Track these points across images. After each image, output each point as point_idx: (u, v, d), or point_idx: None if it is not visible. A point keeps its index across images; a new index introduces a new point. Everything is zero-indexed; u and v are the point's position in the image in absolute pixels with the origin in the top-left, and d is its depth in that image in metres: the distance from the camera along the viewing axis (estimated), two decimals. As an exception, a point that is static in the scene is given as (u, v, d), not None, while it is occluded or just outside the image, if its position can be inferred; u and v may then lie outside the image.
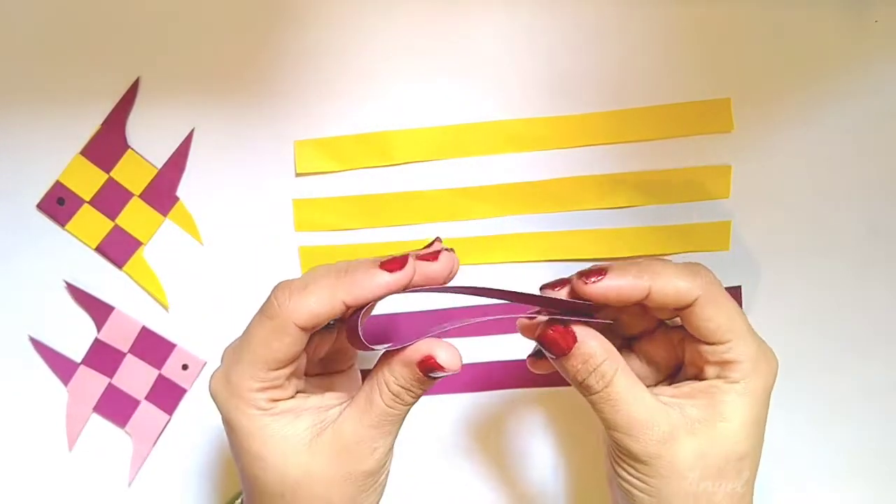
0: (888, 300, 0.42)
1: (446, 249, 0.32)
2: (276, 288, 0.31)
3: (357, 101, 0.43)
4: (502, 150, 0.43)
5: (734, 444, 0.32)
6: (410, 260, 0.31)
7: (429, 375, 0.31)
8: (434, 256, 0.32)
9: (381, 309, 0.43)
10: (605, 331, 0.33)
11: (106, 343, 0.44)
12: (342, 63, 0.43)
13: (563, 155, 0.43)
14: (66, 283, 0.44)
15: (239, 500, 0.43)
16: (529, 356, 0.36)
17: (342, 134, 0.43)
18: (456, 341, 0.32)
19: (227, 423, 0.32)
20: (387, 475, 0.34)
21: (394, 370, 0.31)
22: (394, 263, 0.31)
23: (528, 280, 0.43)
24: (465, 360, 0.43)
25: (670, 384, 0.35)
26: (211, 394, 0.32)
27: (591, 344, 0.32)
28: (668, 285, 0.32)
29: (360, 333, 0.30)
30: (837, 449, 0.43)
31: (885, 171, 0.42)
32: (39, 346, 0.44)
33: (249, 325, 0.32)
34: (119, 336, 0.44)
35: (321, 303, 0.30)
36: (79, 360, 0.44)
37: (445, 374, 0.31)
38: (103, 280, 0.44)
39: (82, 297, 0.44)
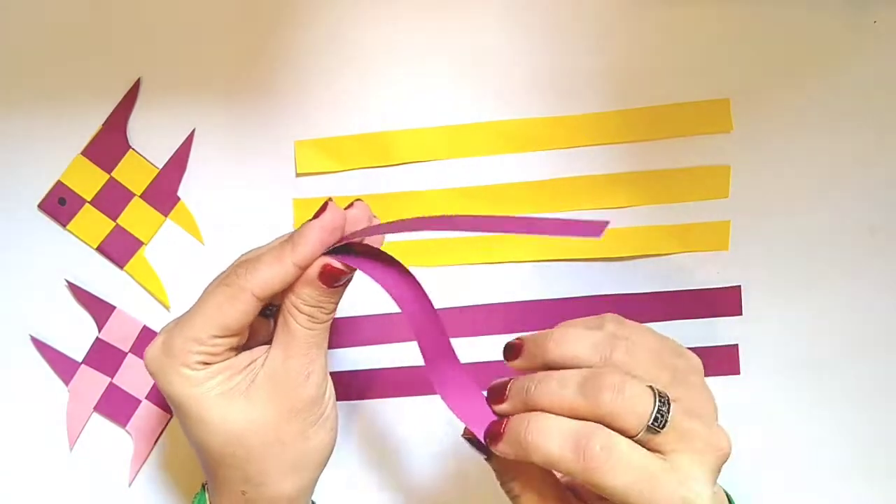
0: (888, 300, 0.42)
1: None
2: (236, 261, 0.34)
3: (357, 101, 0.43)
4: (502, 150, 0.43)
5: None
6: (330, 203, 0.32)
7: (333, 286, 0.32)
8: (350, 205, 0.34)
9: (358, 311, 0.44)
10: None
11: (107, 342, 0.44)
12: (342, 64, 0.43)
13: (563, 155, 0.43)
14: (68, 282, 0.44)
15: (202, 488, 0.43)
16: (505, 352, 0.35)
17: (342, 134, 0.43)
18: (456, 342, 0.32)
19: (168, 396, 0.33)
20: (332, 407, 0.35)
21: (300, 294, 0.32)
22: (318, 211, 0.32)
23: (528, 280, 0.43)
24: (468, 360, 0.43)
25: None
26: (146, 366, 0.33)
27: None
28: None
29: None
30: (838, 448, 0.43)
31: (884, 171, 0.42)
32: (40, 346, 0.44)
33: (203, 294, 0.33)
34: (120, 335, 0.44)
35: (273, 271, 0.32)
36: (80, 359, 0.44)
37: (347, 277, 0.32)
38: (104, 280, 0.44)
39: (83, 297, 0.44)
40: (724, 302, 0.43)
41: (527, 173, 0.43)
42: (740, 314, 0.43)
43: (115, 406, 0.44)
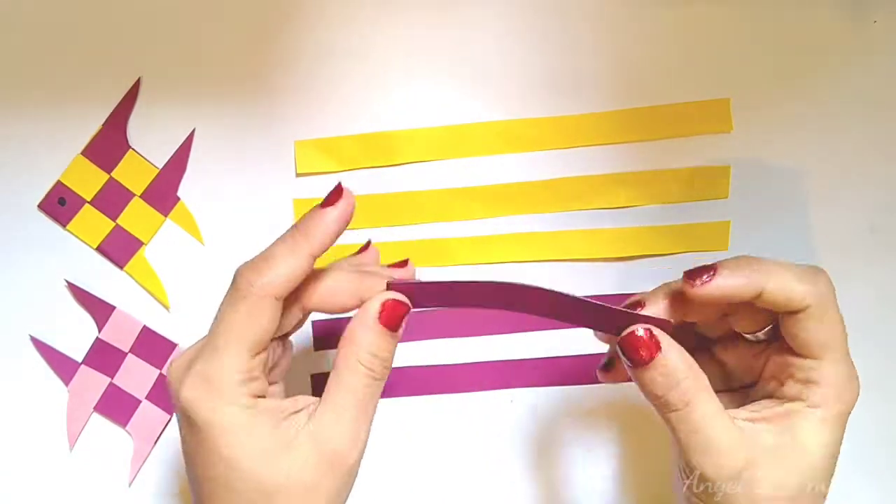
0: (887, 300, 0.42)
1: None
2: (237, 272, 0.30)
3: (358, 101, 0.43)
4: (502, 150, 0.43)
5: (812, 474, 0.30)
6: (343, 188, 0.31)
7: (396, 329, 0.31)
8: (364, 248, 0.33)
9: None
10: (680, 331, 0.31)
11: (107, 342, 0.44)
12: (343, 64, 0.43)
13: (563, 155, 0.43)
14: (68, 282, 0.44)
15: None
16: (600, 367, 0.34)
17: (343, 134, 0.43)
18: (459, 342, 0.32)
19: (198, 424, 0.29)
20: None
21: (360, 343, 0.30)
22: (330, 197, 0.31)
23: (528, 281, 0.43)
24: (471, 360, 0.43)
25: (742, 403, 0.33)
26: (184, 404, 0.30)
27: (672, 356, 0.30)
28: (783, 288, 0.30)
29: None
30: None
31: (884, 170, 0.42)
32: (40, 346, 0.44)
33: (220, 315, 0.30)
34: (120, 336, 0.44)
35: (289, 265, 0.30)
36: (80, 359, 0.44)
37: (408, 314, 0.31)
38: (104, 280, 0.44)
39: (83, 297, 0.44)
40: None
41: (527, 173, 0.43)
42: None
43: (115, 406, 0.44)
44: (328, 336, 0.44)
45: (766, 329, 0.32)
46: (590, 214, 0.43)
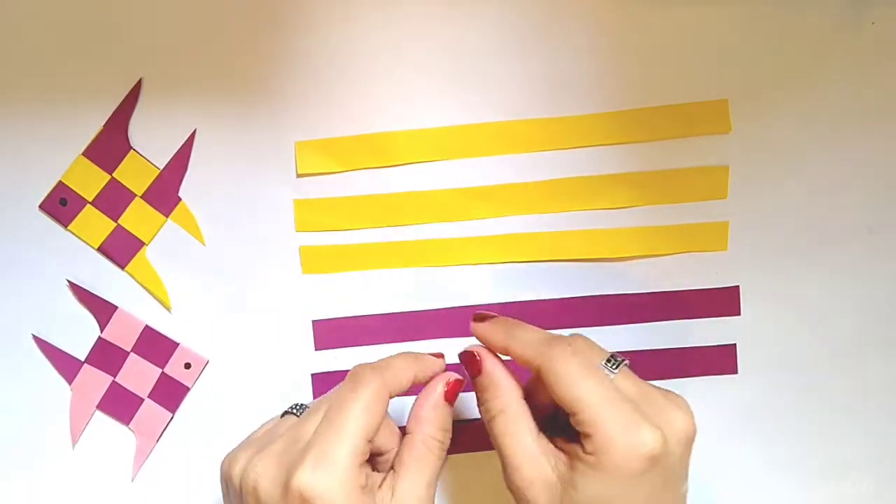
0: (887, 299, 0.43)
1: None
2: (354, 371, 0.34)
3: (358, 102, 0.43)
4: (502, 151, 0.43)
5: None
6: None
7: (453, 402, 0.35)
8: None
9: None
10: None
11: (109, 342, 0.44)
12: (344, 64, 0.42)
13: (563, 156, 0.43)
14: (69, 282, 0.44)
15: None
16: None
17: (343, 135, 0.43)
18: (453, 342, 0.32)
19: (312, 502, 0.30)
20: None
21: (431, 420, 0.35)
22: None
23: (527, 280, 0.43)
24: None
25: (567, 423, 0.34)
26: (303, 488, 0.30)
27: (489, 372, 0.35)
28: (522, 351, 0.34)
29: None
30: (838, 447, 0.43)
31: (883, 171, 0.42)
32: (43, 345, 0.44)
33: (335, 405, 0.32)
34: (122, 335, 0.44)
35: (401, 373, 0.34)
36: (83, 358, 0.44)
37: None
38: (106, 280, 0.44)
39: (85, 297, 0.44)
40: (723, 302, 0.43)
41: (527, 174, 0.43)
42: (739, 314, 0.43)
43: (118, 404, 0.44)
44: (328, 335, 0.44)
45: None
46: (589, 215, 0.43)
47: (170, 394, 0.44)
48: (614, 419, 0.31)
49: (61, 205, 0.43)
